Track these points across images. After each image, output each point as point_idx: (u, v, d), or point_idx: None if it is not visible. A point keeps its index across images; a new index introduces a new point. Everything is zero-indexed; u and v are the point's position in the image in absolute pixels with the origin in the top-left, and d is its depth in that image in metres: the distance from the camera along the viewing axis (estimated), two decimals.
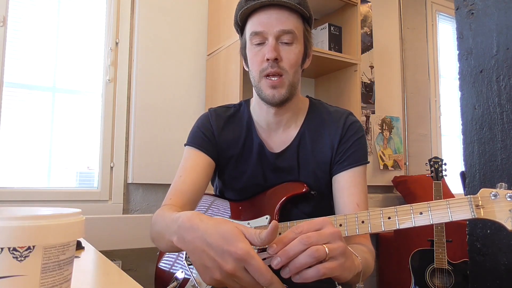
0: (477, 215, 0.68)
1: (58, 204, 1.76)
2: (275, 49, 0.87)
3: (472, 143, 1.26)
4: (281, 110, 0.96)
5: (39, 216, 0.41)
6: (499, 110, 1.19)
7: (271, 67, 0.88)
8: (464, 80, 1.29)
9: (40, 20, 1.86)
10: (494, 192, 0.68)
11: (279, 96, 0.90)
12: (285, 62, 0.89)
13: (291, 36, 0.88)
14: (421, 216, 0.71)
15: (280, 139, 1.00)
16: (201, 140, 1.00)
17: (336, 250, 0.55)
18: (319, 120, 1.00)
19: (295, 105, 0.98)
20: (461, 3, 1.31)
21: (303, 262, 0.53)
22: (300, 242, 0.53)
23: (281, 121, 0.99)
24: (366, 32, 2.81)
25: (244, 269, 0.52)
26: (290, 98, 0.93)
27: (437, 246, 1.94)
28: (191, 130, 1.05)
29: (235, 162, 1.01)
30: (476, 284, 1.22)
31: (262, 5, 0.88)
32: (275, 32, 0.87)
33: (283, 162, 0.99)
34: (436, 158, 2.11)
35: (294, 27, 0.88)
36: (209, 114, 1.05)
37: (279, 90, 0.89)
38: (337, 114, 1.00)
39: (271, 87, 0.89)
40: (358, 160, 0.95)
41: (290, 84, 0.90)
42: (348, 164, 0.95)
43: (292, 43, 0.89)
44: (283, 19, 0.88)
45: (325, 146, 0.97)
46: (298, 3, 0.88)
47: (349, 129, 0.97)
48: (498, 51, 1.19)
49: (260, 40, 0.90)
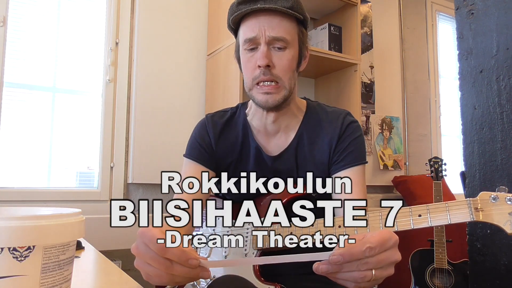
0: (476, 218, 0.68)
1: (58, 204, 1.76)
2: (267, 56, 0.86)
3: (472, 143, 1.26)
4: (279, 114, 0.95)
5: (39, 216, 0.41)
6: (499, 110, 1.19)
7: (264, 74, 0.87)
8: (464, 80, 1.29)
9: (40, 20, 1.86)
10: (493, 195, 0.68)
11: (273, 101, 0.89)
12: (278, 69, 0.88)
13: (283, 42, 0.87)
14: (420, 218, 0.71)
15: (278, 142, 1.00)
16: (198, 151, 1.00)
17: (379, 276, 0.57)
18: (317, 121, 0.99)
19: (292, 108, 0.98)
20: (461, 3, 1.31)
21: (346, 277, 0.56)
22: (362, 263, 0.55)
23: (279, 125, 0.98)
24: (366, 32, 2.81)
25: (143, 243, 0.58)
26: (286, 103, 0.92)
27: (437, 246, 1.94)
28: (189, 140, 1.05)
29: (234, 168, 1.01)
30: (476, 284, 1.22)
31: (253, 11, 0.87)
32: (266, 38, 0.86)
33: (281, 165, 0.98)
34: (436, 158, 2.11)
35: (286, 32, 0.87)
36: (206, 121, 1.03)
37: (273, 96, 0.88)
38: (335, 114, 0.99)
39: (263, 93, 0.89)
40: (356, 160, 0.95)
41: (287, 90, 0.90)
42: (346, 164, 0.94)
43: (285, 49, 0.88)
44: (274, 25, 0.87)
45: (323, 147, 0.97)
46: (290, 7, 0.87)
47: (347, 129, 0.96)
48: (498, 51, 1.19)
49: (253, 45, 0.89)
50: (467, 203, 0.69)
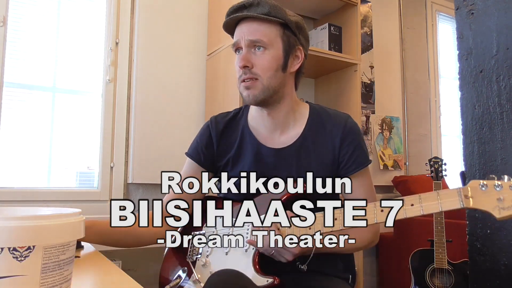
0: (465, 205, 0.72)
1: (58, 204, 1.76)
2: (244, 58, 0.98)
3: (472, 143, 1.26)
4: (273, 112, 1.03)
5: (39, 216, 0.41)
6: (499, 110, 1.19)
7: (244, 74, 0.98)
8: (464, 80, 1.29)
9: (40, 20, 1.86)
10: (482, 183, 0.72)
11: (253, 96, 0.98)
12: (257, 68, 0.98)
13: (260, 44, 0.97)
14: (413, 207, 0.75)
15: (280, 140, 1.05)
16: (197, 153, 1.10)
17: None
18: (320, 124, 1.06)
19: (288, 108, 1.04)
20: (461, 3, 1.31)
21: None
22: None
23: (277, 123, 1.05)
24: (366, 32, 2.81)
25: None
26: (273, 99, 1.00)
27: (437, 246, 1.94)
28: (194, 139, 1.15)
29: (231, 164, 1.08)
30: (476, 284, 1.22)
31: (236, 19, 1.00)
32: (245, 42, 0.98)
33: (282, 161, 1.03)
34: (436, 158, 2.11)
35: (263, 35, 0.97)
36: (210, 122, 1.13)
37: (252, 91, 0.98)
38: (337, 118, 1.06)
39: (245, 88, 0.99)
40: (363, 163, 1.03)
41: (265, 86, 0.98)
42: (356, 167, 1.02)
43: (265, 50, 0.98)
44: (252, 30, 0.98)
45: (327, 148, 1.03)
46: (267, 13, 0.97)
47: (349, 132, 1.03)
48: (498, 51, 1.19)
49: (238, 49, 1.01)
50: (457, 191, 0.73)
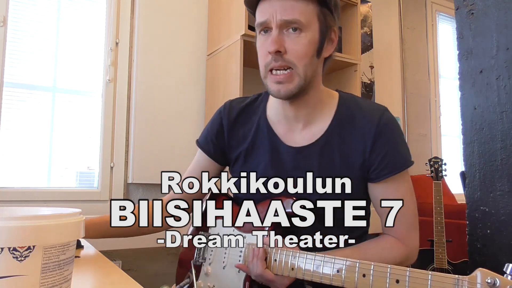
0: None
1: (58, 204, 1.76)
2: (277, 41, 0.79)
3: (472, 143, 1.26)
4: (297, 104, 0.87)
5: (39, 216, 0.41)
6: (499, 110, 1.19)
7: (275, 61, 0.81)
8: (464, 80, 1.29)
9: (40, 20, 1.86)
10: (491, 279, 0.50)
11: (285, 91, 0.82)
12: (291, 54, 0.80)
13: (297, 26, 0.80)
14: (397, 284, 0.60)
15: (301, 136, 0.90)
16: (207, 142, 1.01)
17: None
18: (350, 118, 0.89)
19: (315, 99, 0.89)
20: (461, 3, 1.31)
21: None
22: None
23: (299, 116, 0.89)
24: (366, 32, 2.81)
25: None
26: (303, 93, 0.84)
27: (437, 246, 1.94)
28: (206, 125, 1.04)
29: (243, 158, 0.95)
30: None
31: None
32: (277, 22, 0.80)
33: (303, 161, 0.89)
34: (436, 158, 2.10)
35: (300, 14, 0.79)
36: (223, 108, 1.00)
37: (285, 85, 0.81)
38: (370, 112, 0.88)
39: (276, 82, 0.82)
40: (398, 167, 0.85)
41: (302, 78, 0.82)
42: (388, 172, 0.85)
43: (301, 32, 0.80)
44: (287, 7, 0.79)
45: (355, 149, 0.86)
46: None
47: (384, 131, 0.85)
48: (498, 51, 1.19)
49: (265, 30, 0.83)
50: (454, 281, 0.54)
